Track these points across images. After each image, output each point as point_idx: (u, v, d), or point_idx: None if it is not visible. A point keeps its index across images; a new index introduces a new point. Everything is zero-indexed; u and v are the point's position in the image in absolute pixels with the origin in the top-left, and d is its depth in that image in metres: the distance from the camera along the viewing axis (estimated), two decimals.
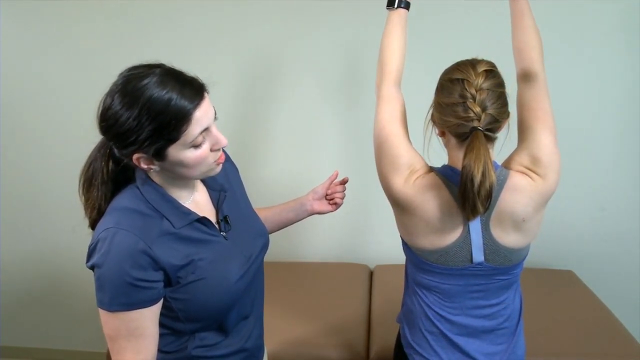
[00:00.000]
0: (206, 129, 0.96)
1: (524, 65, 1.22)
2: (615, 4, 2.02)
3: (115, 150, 0.99)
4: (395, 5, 1.30)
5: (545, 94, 1.19)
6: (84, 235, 1.04)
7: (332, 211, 1.43)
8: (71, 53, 2.30)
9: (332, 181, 1.43)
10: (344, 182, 1.44)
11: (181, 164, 0.97)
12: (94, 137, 1.04)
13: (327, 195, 1.42)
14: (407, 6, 1.31)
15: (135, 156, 0.95)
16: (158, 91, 0.91)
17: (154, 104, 0.90)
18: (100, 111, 0.95)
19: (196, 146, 0.96)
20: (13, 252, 2.60)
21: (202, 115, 0.94)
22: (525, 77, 1.21)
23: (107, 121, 0.94)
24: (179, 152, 0.95)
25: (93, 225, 1.03)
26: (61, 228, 2.47)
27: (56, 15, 2.26)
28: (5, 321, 2.67)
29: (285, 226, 1.43)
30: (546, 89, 1.19)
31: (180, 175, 1.01)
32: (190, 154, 0.96)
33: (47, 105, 2.39)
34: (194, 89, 0.94)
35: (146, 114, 0.90)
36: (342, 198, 1.43)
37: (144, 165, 0.97)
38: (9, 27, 2.31)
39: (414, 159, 1.19)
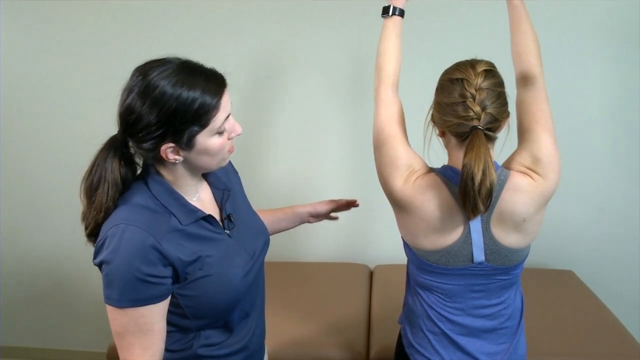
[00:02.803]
0: (227, 117, 1.00)
1: (522, 69, 1.23)
2: (614, 4, 2.02)
3: (134, 147, 1.00)
4: (390, 13, 1.32)
5: (544, 97, 1.19)
6: (84, 235, 1.04)
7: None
8: (71, 53, 2.31)
9: (338, 205, 1.45)
10: (351, 204, 1.45)
11: (206, 151, 1.00)
12: (95, 137, 1.04)
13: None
14: (401, 14, 1.33)
15: (163, 147, 0.97)
16: (186, 82, 0.95)
17: (183, 96, 0.94)
18: (124, 108, 0.96)
19: (220, 133, 1.00)
20: (13, 252, 2.60)
21: (227, 102, 1.00)
22: (524, 81, 1.22)
23: (131, 115, 0.95)
24: (206, 139, 0.99)
25: (91, 233, 1.01)
26: (61, 228, 2.47)
27: (56, 15, 2.26)
28: (5, 321, 2.67)
29: (277, 233, 1.43)
30: (545, 91, 1.20)
31: (201, 166, 1.03)
32: (215, 141, 1.00)
33: (47, 106, 2.39)
34: (217, 78, 0.99)
35: (176, 105, 0.93)
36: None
37: (170, 157, 0.98)
38: (9, 27, 2.31)
39: (413, 160, 1.20)
